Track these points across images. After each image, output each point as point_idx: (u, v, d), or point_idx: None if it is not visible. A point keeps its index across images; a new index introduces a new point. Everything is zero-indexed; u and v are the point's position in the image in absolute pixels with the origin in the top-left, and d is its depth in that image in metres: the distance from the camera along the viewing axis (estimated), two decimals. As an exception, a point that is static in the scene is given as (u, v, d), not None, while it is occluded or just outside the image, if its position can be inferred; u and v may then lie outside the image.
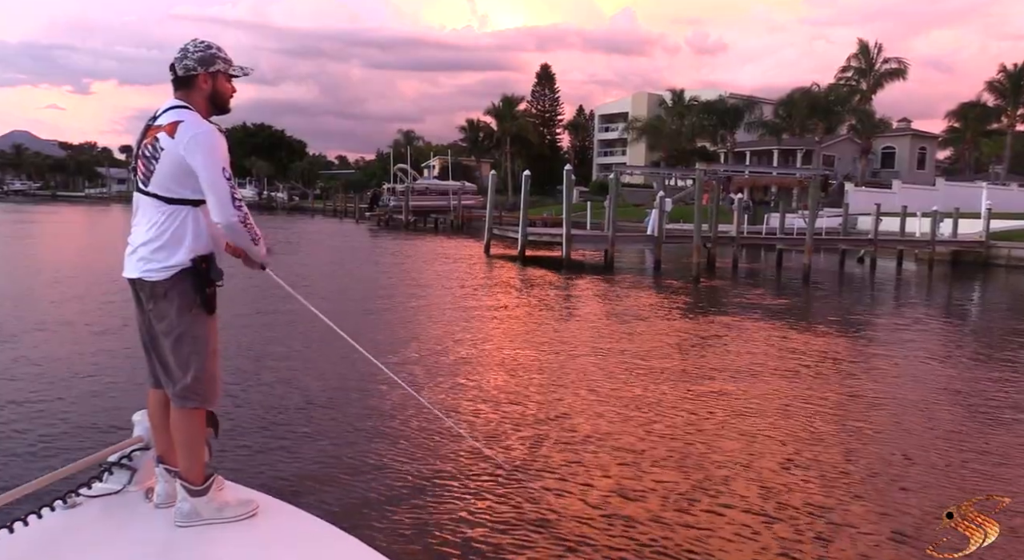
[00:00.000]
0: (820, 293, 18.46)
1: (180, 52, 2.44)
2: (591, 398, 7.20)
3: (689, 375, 8.33)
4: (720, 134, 55.00)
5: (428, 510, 4.56)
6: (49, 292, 13.49)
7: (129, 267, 2.43)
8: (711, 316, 13.16)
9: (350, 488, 4.86)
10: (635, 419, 6.55)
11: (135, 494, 2.48)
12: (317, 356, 8.61)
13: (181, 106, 2.40)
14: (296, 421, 6.23)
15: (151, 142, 2.37)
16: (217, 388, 2.47)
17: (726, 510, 4.68)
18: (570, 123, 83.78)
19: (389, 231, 41.17)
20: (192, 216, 2.39)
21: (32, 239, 28.87)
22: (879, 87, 50.73)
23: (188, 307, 2.36)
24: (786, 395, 7.58)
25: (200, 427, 2.42)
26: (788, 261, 24.73)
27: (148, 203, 2.40)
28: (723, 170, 36.07)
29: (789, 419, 6.73)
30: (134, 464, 2.52)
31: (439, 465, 5.28)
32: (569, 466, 5.35)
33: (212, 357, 2.43)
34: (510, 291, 16.08)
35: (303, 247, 27.40)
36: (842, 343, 11.00)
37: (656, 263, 21.83)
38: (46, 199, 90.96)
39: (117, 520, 2.33)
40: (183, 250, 2.36)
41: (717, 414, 6.82)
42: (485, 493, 4.83)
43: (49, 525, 2.20)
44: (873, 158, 54.57)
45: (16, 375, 7.39)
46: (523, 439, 5.93)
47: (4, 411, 6.20)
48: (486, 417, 6.49)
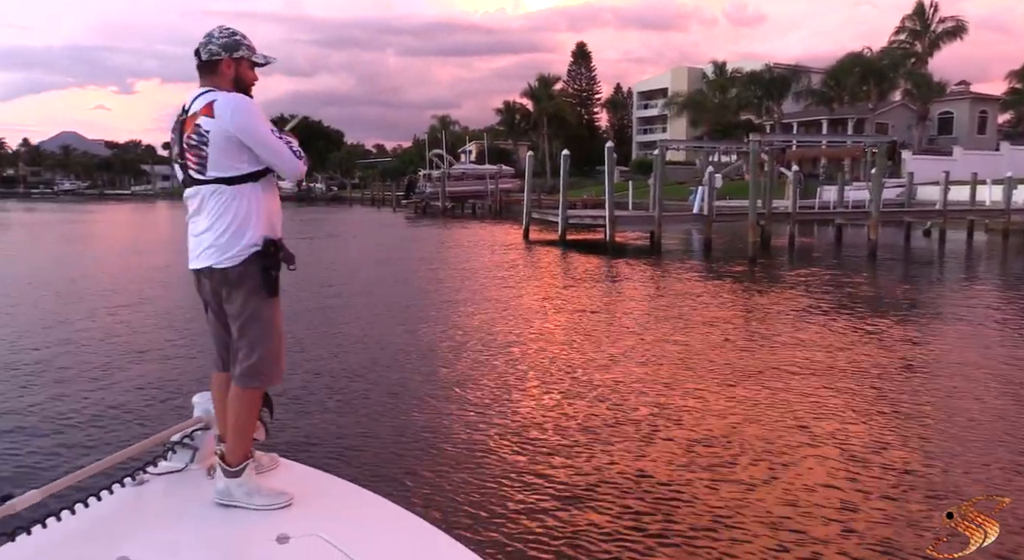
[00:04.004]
0: (893, 271, 17.03)
1: (205, 37, 2.45)
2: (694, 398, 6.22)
3: (788, 374, 7.27)
4: (766, 106, 52.80)
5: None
6: (106, 285, 13.05)
7: (198, 258, 2.45)
8: (782, 303, 11.92)
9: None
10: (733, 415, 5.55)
11: (197, 472, 2.57)
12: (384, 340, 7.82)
13: (208, 90, 2.40)
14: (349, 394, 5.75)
15: (193, 131, 2.36)
16: (280, 368, 2.50)
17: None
18: (608, 101, 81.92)
19: (426, 218, 40.47)
20: (254, 196, 2.40)
21: (95, 240, 28.88)
22: (935, 49, 47.99)
23: (256, 290, 2.39)
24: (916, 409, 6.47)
25: (255, 408, 2.47)
26: (846, 236, 23.22)
27: (209, 191, 2.39)
28: (778, 140, 33.98)
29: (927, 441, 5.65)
30: (195, 443, 2.63)
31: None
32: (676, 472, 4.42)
33: (278, 338, 2.47)
34: (555, 282, 15.09)
35: (342, 242, 26.81)
36: (946, 332, 9.76)
37: (707, 243, 20.58)
38: (94, 198, 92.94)
39: (181, 496, 2.44)
40: (252, 234, 2.37)
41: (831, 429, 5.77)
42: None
43: (120, 500, 2.34)
44: (930, 124, 51.79)
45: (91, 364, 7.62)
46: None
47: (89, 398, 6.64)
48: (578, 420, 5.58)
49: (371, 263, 18.38)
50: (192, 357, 7.93)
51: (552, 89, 66.05)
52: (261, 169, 2.40)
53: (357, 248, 23.27)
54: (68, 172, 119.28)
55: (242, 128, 2.32)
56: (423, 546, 2.18)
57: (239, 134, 2.32)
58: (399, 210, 48.39)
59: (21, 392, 6.73)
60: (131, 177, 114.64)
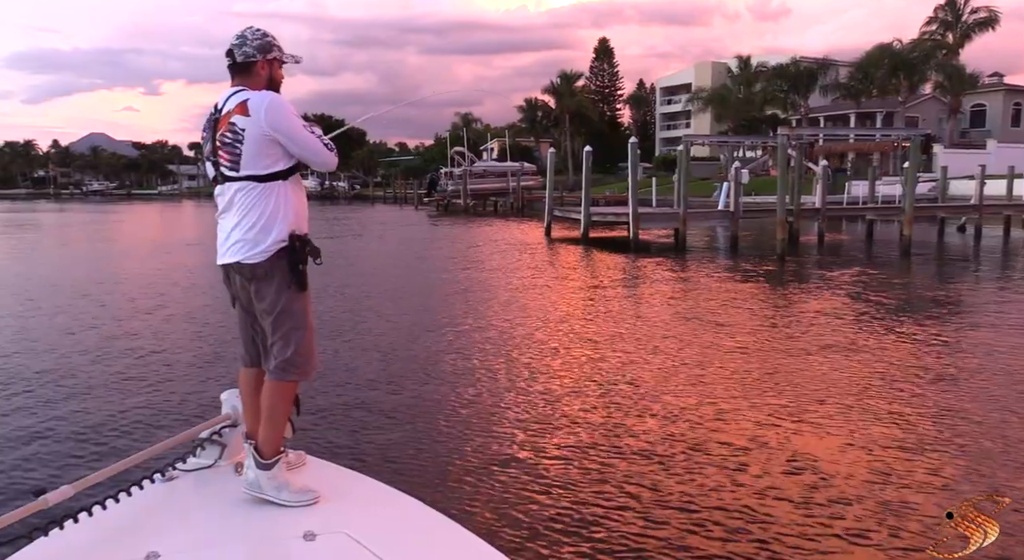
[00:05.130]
0: (933, 269, 16.48)
1: (238, 39, 2.49)
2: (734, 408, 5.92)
3: (835, 390, 6.94)
4: (791, 100, 51.87)
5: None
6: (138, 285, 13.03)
7: (225, 253, 2.48)
8: (826, 305, 11.50)
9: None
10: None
11: (226, 468, 2.59)
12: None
13: (241, 90, 2.45)
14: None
15: (227, 129, 2.40)
16: (314, 361, 2.52)
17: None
18: (631, 96, 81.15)
19: (448, 216, 40.30)
20: (284, 192, 2.43)
21: (131, 240, 29.12)
22: (967, 39, 46.78)
23: (286, 285, 2.41)
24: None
25: (289, 401, 2.48)
26: (877, 232, 22.62)
27: (240, 188, 2.42)
28: (807, 135, 33.12)
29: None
30: (224, 440, 2.64)
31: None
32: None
33: (309, 331, 2.49)
34: (581, 283, 14.79)
35: (364, 243, 26.73)
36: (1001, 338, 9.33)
37: (733, 241, 20.13)
38: (122, 198, 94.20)
39: (210, 492, 2.47)
40: (279, 229, 2.40)
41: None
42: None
43: (150, 496, 2.36)
44: (962, 117, 50.53)
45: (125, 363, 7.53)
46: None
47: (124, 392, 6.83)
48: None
49: (395, 264, 18.21)
50: (219, 356, 8.01)
51: (574, 85, 65.50)
52: (291, 166, 2.45)
53: (383, 249, 23.14)
54: (97, 173, 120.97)
55: (276, 125, 2.37)
56: (451, 546, 2.15)
57: (273, 131, 2.37)
58: (421, 208, 48.27)
59: (54, 390, 6.78)
60: (158, 177, 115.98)
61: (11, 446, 5.32)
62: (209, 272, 16.01)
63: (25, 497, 2.07)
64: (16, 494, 4.30)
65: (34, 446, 5.33)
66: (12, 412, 6.14)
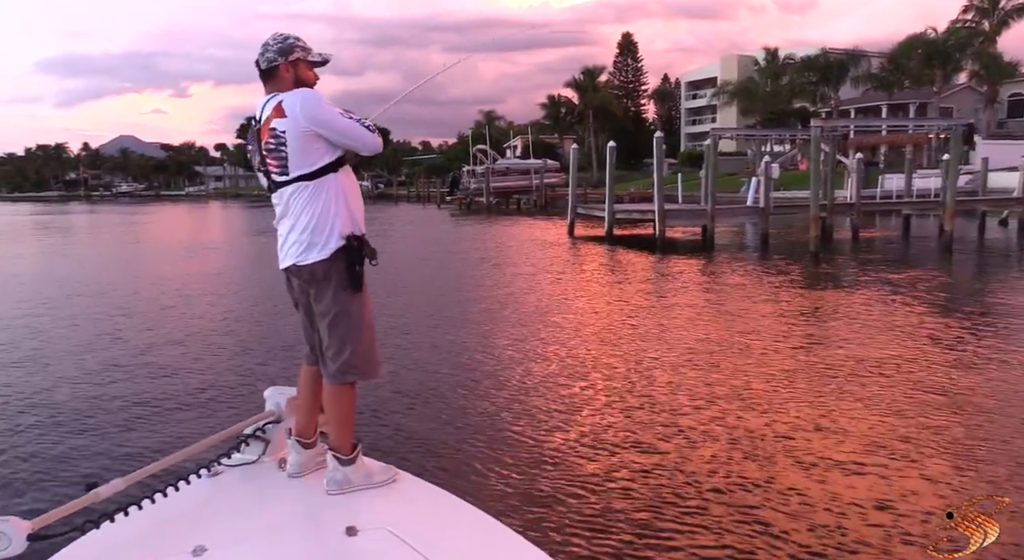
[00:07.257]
0: (979, 266, 15.69)
1: (262, 47, 2.51)
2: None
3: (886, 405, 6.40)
4: (821, 92, 50.70)
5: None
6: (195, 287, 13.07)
7: (285, 257, 2.48)
8: (872, 307, 10.78)
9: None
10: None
11: (270, 463, 2.61)
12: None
13: (274, 95, 2.45)
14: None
15: (269, 136, 2.41)
16: (376, 360, 2.52)
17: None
18: (656, 91, 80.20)
19: (471, 215, 39.92)
20: (336, 187, 2.42)
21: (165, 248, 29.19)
22: (1004, 26, 45.28)
23: (343, 286, 2.41)
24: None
25: (352, 402, 2.50)
26: (913, 227, 21.77)
27: (294, 190, 2.41)
28: (841, 126, 32.04)
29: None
30: (267, 436, 2.67)
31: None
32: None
33: (369, 331, 2.49)
34: (603, 288, 14.29)
35: (390, 242, 26.45)
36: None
37: (763, 238, 19.45)
38: (151, 199, 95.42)
39: (254, 487, 2.52)
40: (335, 229, 2.40)
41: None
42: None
43: (196, 491, 2.40)
44: (999, 107, 48.97)
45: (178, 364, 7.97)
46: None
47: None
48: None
49: (420, 262, 17.86)
50: (263, 353, 8.23)
51: (597, 81, 64.80)
52: (338, 157, 2.43)
53: (409, 248, 22.83)
54: (126, 174, 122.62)
55: (314, 118, 2.36)
56: (492, 543, 2.13)
57: (313, 125, 2.35)
58: (444, 206, 47.94)
59: (102, 389, 6.96)
60: (185, 178, 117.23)
61: (69, 435, 5.70)
62: (250, 273, 15.91)
63: (76, 487, 2.19)
64: (65, 482, 4.66)
65: (84, 438, 5.66)
66: (64, 404, 6.47)
